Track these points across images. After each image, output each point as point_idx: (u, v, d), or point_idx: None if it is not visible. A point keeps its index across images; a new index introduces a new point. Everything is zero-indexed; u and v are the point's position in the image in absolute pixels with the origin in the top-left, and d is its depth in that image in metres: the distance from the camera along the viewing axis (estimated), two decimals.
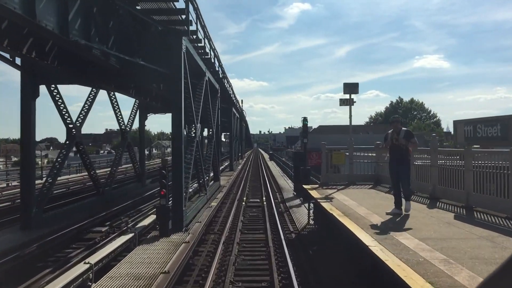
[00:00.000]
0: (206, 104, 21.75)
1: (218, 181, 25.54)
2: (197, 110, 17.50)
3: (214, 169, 25.35)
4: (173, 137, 13.47)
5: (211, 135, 23.18)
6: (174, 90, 13.29)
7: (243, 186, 26.42)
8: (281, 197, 21.67)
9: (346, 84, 12.97)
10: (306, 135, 19.02)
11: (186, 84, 14.64)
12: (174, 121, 13.39)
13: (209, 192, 20.37)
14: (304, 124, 18.96)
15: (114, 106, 21.36)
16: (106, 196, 19.67)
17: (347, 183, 13.16)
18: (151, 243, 11.10)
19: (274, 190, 24.45)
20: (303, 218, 15.18)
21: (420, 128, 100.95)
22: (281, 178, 32.41)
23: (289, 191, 24.07)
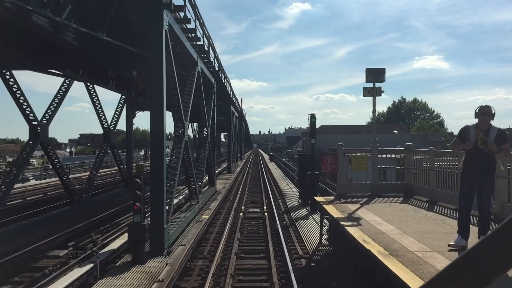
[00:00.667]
0: (199, 99, 19.04)
1: (213, 186, 22.85)
2: (186, 105, 14.81)
3: (209, 172, 22.66)
4: (152, 136, 10.79)
5: (205, 135, 20.47)
6: (153, 77, 10.59)
7: (241, 191, 23.70)
8: (284, 205, 18.97)
9: (369, 70, 10.28)
10: (314, 134, 16.34)
11: (170, 72, 11.95)
12: (154, 116, 10.71)
13: (202, 200, 17.67)
14: (312, 122, 16.29)
15: (93, 101, 18.66)
16: (83, 204, 16.98)
17: (370, 195, 10.48)
18: (118, 276, 8.44)
19: (276, 197, 21.75)
20: (312, 235, 12.49)
21: (424, 128, 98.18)
22: (283, 182, 29.71)
23: (292, 197, 21.37)
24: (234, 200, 20.09)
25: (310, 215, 15.83)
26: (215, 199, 19.10)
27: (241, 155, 67.71)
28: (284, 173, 37.86)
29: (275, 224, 14.24)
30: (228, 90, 33.28)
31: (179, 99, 13.02)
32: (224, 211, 17.19)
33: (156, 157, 10.65)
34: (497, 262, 0.86)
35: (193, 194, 16.71)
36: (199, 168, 18.91)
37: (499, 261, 0.86)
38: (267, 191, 23.36)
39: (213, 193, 22.12)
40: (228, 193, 22.93)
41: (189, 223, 14.25)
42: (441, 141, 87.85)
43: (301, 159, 18.63)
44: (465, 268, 0.89)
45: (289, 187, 26.11)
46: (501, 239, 0.86)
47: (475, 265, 0.88)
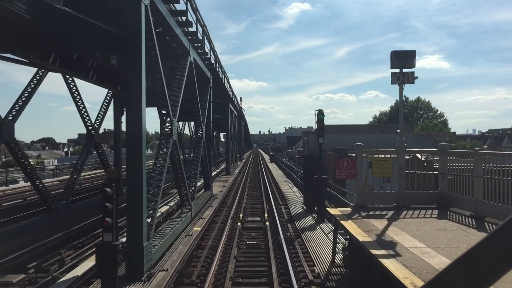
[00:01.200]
0: (193, 94, 17.07)
1: (209, 190, 20.89)
2: (175, 99, 12.86)
3: (205, 175, 20.70)
4: (127, 135, 8.82)
5: (200, 134, 18.50)
6: (129, 62, 8.64)
7: (240, 195, 21.74)
8: (288, 212, 17.02)
9: (396, 53, 8.30)
10: (322, 133, 14.38)
11: (153, 57, 10.01)
12: (130, 110, 8.77)
13: (195, 207, 15.71)
14: (320, 119, 14.33)
15: (73, 96, 16.69)
16: (61, 212, 15.04)
17: (396, 206, 8.53)
18: None
19: (277, 201, 19.79)
20: (323, 251, 10.55)
21: (428, 128, 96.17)
22: (284, 185, 27.74)
23: (296, 203, 19.42)
24: (232, 206, 18.13)
25: (318, 225, 13.89)
26: (210, 205, 17.12)
27: (241, 155, 65.72)
28: (285, 175, 35.91)
29: (278, 237, 12.30)
30: (226, 86, 31.31)
31: (165, 91, 11.05)
32: (220, 219, 15.22)
33: (133, 160, 8.69)
34: (498, 263, 0.85)
35: (184, 201, 14.76)
36: (193, 171, 16.96)
37: (500, 262, 0.84)
38: (268, 195, 21.40)
39: (208, 197, 20.16)
40: (225, 198, 20.96)
41: (179, 235, 12.31)
42: (446, 141, 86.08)
43: (307, 161, 16.68)
44: (465, 268, 0.89)
45: (292, 191, 24.15)
46: (502, 239, 0.84)
47: (476, 265, 0.87)
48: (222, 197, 20.48)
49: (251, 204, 19.28)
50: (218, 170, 37.87)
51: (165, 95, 11.18)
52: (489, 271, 0.85)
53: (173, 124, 11.99)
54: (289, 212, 16.92)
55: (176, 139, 12.47)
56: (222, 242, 11.54)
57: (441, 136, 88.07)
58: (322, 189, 14.41)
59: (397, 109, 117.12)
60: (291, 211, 16.93)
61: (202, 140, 18.37)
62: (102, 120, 19.41)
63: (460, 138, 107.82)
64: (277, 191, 23.98)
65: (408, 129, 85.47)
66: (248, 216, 15.81)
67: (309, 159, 16.67)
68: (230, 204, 18.93)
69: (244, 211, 17.12)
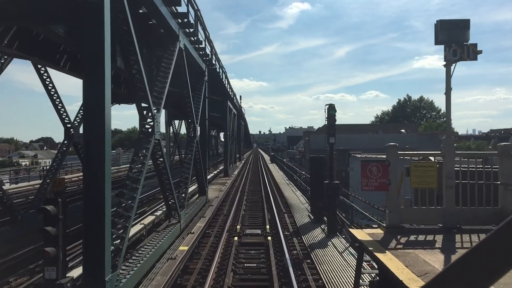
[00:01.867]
0: (184, 87, 14.91)
1: (204, 195, 18.73)
2: (159, 90, 10.70)
3: (199, 179, 18.55)
4: (85, 133, 6.66)
5: (192, 133, 16.33)
6: (85, 34, 6.50)
7: (238, 201, 19.58)
8: (292, 222, 14.86)
9: (442, 23, 6.16)
10: (334, 132, 12.21)
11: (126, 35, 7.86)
12: (88, 99, 6.62)
13: (186, 217, 13.56)
14: (331, 115, 12.16)
15: (47, 88, 14.53)
16: (27, 224, 12.90)
17: (443, 228, 6.37)
18: None
19: (280, 209, 17.63)
20: (339, 278, 8.42)
21: (432, 127, 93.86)
22: (287, 188, 25.57)
23: (301, 210, 17.28)
24: (229, 214, 15.95)
25: (329, 240, 11.74)
26: (203, 215, 14.91)
27: (240, 156, 63.55)
28: (287, 177, 33.76)
29: (282, 256, 10.15)
30: (224, 82, 29.15)
31: (143, 79, 8.89)
32: (214, 232, 13.04)
33: (91, 164, 6.54)
34: (498, 263, 0.85)
35: (172, 211, 12.60)
36: (184, 175, 14.78)
37: (500, 262, 0.84)
38: (269, 201, 19.23)
39: (203, 204, 18.01)
40: (222, 204, 18.80)
41: (163, 254, 10.17)
42: None
43: (314, 163, 14.49)
44: (466, 268, 0.88)
45: (295, 195, 21.99)
46: (502, 239, 0.84)
47: (476, 265, 0.87)
48: (218, 203, 18.31)
49: (251, 212, 17.11)
50: (216, 171, 35.74)
51: (143, 84, 9.01)
52: (489, 272, 0.84)
53: (156, 120, 9.83)
54: (293, 222, 14.76)
55: (160, 138, 10.31)
56: (214, 264, 9.37)
57: None
58: (333, 197, 12.24)
59: (399, 109, 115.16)
60: (296, 221, 14.77)
61: (195, 139, 16.21)
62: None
63: (463, 138, 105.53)
64: (279, 196, 21.81)
65: (412, 128, 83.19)
66: (247, 228, 13.63)
67: (317, 161, 14.51)
68: (227, 212, 16.76)
69: (243, 221, 14.95)
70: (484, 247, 0.87)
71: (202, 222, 13.54)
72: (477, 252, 0.88)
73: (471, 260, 0.88)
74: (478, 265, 0.87)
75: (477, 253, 0.87)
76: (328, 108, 12.41)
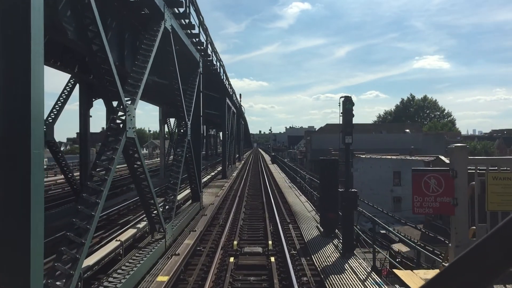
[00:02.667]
0: (172, 77, 12.78)
1: (198, 202, 16.60)
2: (136, 77, 8.57)
3: (192, 183, 16.41)
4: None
5: (182, 130, 14.19)
6: None
7: (236, 207, 17.44)
8: (299, 235, 12.74)
9: None
10: (351, 130, 10.05)
11: None
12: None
13: (173, 231, 11.44)
14: (347, 109, 9.99)
15: None
16: None
17: None
18: None
19: (284, 218, 15.51)
20: None
21: (437, 127, 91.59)
22: (290, 192, 23.43)
23: (307, 219, 15.18)
24: (225, 225, 13.81)
25: (345, 261, 9.60)
26: (192, 229, 12.71)
27: (240, 156, 61.39)
28: (289, 179, 31.62)
29: (289, 282, 8.02)
30: (222, 77, 26.99)
31: (108, 59, 6.74)
32: (206, 250, 10.88)
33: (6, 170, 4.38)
34: (499, 261, 0.86)
35: (156, 224, 10.45)
36: (172, 180, 12.63)
37: (501, 260, 0.85)
38: (271, 208, 17.09)
39: (196, 211, 15.88)
40: (217, 212, 16.66)
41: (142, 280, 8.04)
42: (457, 142, 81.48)
43: (324, 167, 12.30)
44: (466, 267, 0.89)
45: (300, 201, 19.85)
46: (503, 237, 0.85)
47: (476, 264, 0.88)
48: (214, 211, 16.16)
49: (250, 222, 14.96)
50: (214, 172, 33.60)
51: (109, 65, 6.86)
52: (489, 271, 0.85)
53: (129, 114, 7.68)
54: (300, 236, 12.63)
55: (135, 136, 8.16)
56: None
57: (451, 136, 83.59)
58: (350, 209, 10.09)
59: (402, 108, 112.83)
60: (303, 234, 12.63)
61: (186, 138, 14.05)
62: (58, 113, 15.13)
63: (465, 139, 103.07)
64: (282, 202, 19.67)
65: (417, 128, 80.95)
66: (246, 244, 11.47)
67: (328, 164, 12.33)
68: (223, 221, 14.61)
69: (241, 234, 12.81)
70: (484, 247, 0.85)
71: (192, 237, 11.37)
72: (476, 251, 0.86)
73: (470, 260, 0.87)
74: (477, 264, 0.86)
75: (476, 252, 0.86)
76: (344, 101, 10.25)
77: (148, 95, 22.85)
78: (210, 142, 68.85)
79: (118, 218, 15.14)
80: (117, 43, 10.97)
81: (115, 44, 10.66)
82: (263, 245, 11.39)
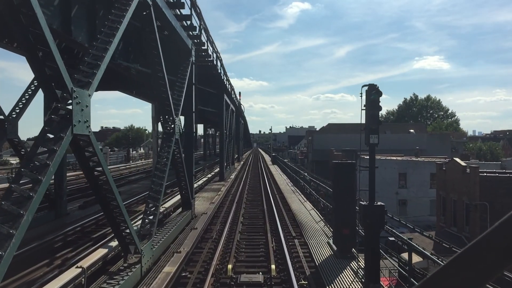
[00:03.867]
0: (155, 61, 10.59)
1: (189, 210, 14.40)
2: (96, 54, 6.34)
3: (182, 189, 14.23)
4: None
5: (169, 128, 11.97)
6: None
7: (232, 218, 15.22)
8: (307, 254, 10.56)
9: None
10: (377, 128, 7.84)
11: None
12: None
13: (154, 251, 9.24)
14: (373, 100, 7.78)
15: None
16: None
17: None
18: None
19: (288, 230, 13.34)
20: None
21: (441, 128, 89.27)
22: (293, 197, 21.22)
23: (315, 231, 13.02)
24: (219, 240, 11.59)
25: None
26: (177, 250, 10.42)
27: (239, 156, 59.18)
28: (291, 181, 29.42)
29: None
30: (220, 71, 24.76)
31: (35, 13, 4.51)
32: (193, 279, 8.64)
33: None
34: (497, 259, 0.85)
35: (129, 244, 8.24)
36: (154, 187, 10.40)
37: (499, 258, 0.84)
38: (273, 218, 14.91)
39: (186, 222, 13.68)
40: (211, 222, 14.46)
41: None
42: (463, 142, 79.13)
43: (339, 172, 10.07)
44: (465, 264, 0.88)
45: (304, 208, 17.66)
46: (502, 235, 0.84)
47: (475, 261, 0.87)
48: (207, 222, 13.95)
49: (249, 236, 12.75)
50: (211, 174, 31.38)
51: (40, 28, 4.64)
52: (485, 270, 0.84)
53: (78, 101, 5.48)
54: (309, 255, 10.43)
55: (90, 133, 5.96)
56: None
57: (457, 136, 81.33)
58: (377, 228, 7.87)
59: (405, 108, 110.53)
60: (313, 253, 10.42)
61: (173, 137, 11.84)
62: (24, 108, 12.94)
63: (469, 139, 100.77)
64: (285, 209, 17.46)
65: (421, 128, 78.69)
66: (243, 269, 9.26)
67: (343, 169, 10.11)
68: (217, 236, 12.40)
69: (237, 253, 10.59)
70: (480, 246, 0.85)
71: (177, 259, 9.12)
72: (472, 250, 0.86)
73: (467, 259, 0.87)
74: (473, 263, 0.85)
75: (472, 251, 0.86)
76: (368, 90, 8.05)
77: (138, 89, 20.64)
78: (209, 141, 66.68)
79: (95, 231, 12.94)
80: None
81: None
82: (264, 269, 9.17)
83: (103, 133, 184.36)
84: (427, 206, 49.42)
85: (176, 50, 14.20)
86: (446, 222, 29.78)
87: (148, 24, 9.80)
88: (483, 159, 68.58)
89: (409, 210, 47.89)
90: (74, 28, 8.48)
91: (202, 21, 15.38)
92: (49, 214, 14.42)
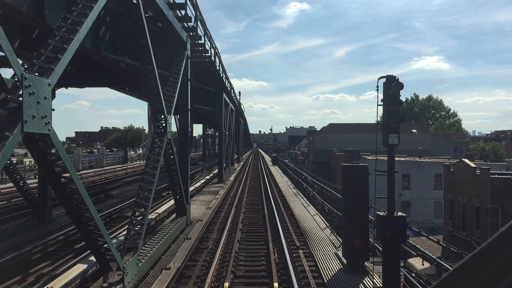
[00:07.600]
0: (143, 55, 9.46)
1: (184, 216, 13.28)
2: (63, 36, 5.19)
3: (175, 193, 13.11)
4: None
5: (161, 127, 10.84)
6: None
7: (231, 225, 14.08)
8: (313, 268, 9.44)
9: None
10: (397, 127, 6.63)
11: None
12: None
13: (140, 267, 8.12)
14: (392, 95, 6.59)
15: None
16: None
17: None
18: None
19: (291, 239, 12.22)
20: None
21: (444, 128, 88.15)
22: (295, 200, 20.09)
23: (321, 240, 11.90)
24: (215, 251, 10.45)
25: None
26: (165, 266, 9.27)
27: (239, 157, 58.04)
28: (293, 183, 28.28)
29: None
30: (218, 68, 23.63)
31: None
32: None
33: None
34: (499, 269, 0.81)
35: (110, 262, 7.09)
36: (142, 193, 9.25)
37: (502, 268, 0.81)
38: (275, 225, 13.78)
39: (180, 230, 12.55)
40: (208, 230, 13.33)
41: None
42: (466, 142, 78.01)
43: (351, 176, 8.94)
44: (474, 270, 0.85)
45: (308, 213, 16.52)
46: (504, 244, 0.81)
47: (484, 267, 0.83)
48: (202, 230, 12.82)
49: (249, 246, 11.61)
50: (209, 175, 30.29)
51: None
52: (491, 278, 0.80)
53: (31, 91, 4.35)
54: (315, 269, 9.30)
55: (51, 132, 4.82)
56: None
57: (460, 137, 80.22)
58: (397, 243, 6.73)
59: (406, 108, 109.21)
60: (320, 267, 9.28)
61: (165, 137, 10.70)
62: None
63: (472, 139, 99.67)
64: (288, 215, 16.32)
65: (424, 129, 77.48)
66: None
67: (355, 173, 8.97)
68: (213, 246, 11.26)
69: (235, 267, 9.45)
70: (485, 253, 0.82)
71: (165, 279, 7.97)
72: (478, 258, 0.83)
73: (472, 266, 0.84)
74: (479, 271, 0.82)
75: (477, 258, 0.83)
76: (387, 82, 6.90)
77: (131, 86, 19.48)
78: (209, 142, 65.52)
79: (79, 239, 11.78)
80: None
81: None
82: (265, 287, 8.04)
83: (103, 133, 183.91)
84: (431, 208, 48.25)
85: (169, 43, 13.10)
86: (454, 226, 28.62)
87: (135, 10, 8.69)
88: (487, 159, 67.45)
89: (413, 212, 46.75)
90: (49, 13, 7.38)
91: (198, 11, 14.23)
92: (32, 220, 13.27)
